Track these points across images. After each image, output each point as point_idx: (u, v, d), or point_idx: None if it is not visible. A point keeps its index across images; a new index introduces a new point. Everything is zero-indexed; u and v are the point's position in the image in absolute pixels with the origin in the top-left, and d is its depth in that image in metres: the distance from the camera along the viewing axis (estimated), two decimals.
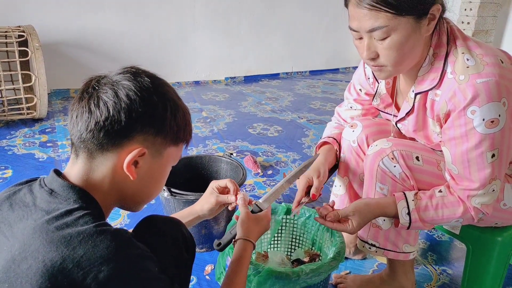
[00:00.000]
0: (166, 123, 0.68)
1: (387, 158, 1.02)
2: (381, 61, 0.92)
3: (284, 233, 1.27)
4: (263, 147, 2.38)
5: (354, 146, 1.20)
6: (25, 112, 2.51)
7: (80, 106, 0.66)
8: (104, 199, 0.68)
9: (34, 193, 0.65)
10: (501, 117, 0.87)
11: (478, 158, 0.91)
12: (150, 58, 3.45)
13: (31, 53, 2.38)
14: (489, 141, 0.89)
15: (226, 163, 1.61)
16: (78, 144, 0.66)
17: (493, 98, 0.86)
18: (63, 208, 0.61)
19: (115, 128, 0.64)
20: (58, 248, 0.56)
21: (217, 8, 3.65)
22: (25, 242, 0.58)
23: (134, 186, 0.70)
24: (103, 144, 0.65)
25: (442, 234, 1.59)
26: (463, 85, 0.88)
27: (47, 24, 3.00)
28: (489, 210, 0.97)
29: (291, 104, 3.28)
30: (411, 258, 1.15)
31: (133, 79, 0.66)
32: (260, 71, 4.10)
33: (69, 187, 0.64)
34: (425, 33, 0.90)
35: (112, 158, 0.66)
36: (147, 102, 0.66)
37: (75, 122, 0.66)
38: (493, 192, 0.95)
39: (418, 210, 0.98)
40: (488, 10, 3.08)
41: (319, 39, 4.24)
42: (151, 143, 0.68)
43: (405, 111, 1.06)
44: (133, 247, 0.61)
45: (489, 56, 0.89)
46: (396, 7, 0.83)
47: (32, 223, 0.60)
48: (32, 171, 1.98)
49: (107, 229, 0.60)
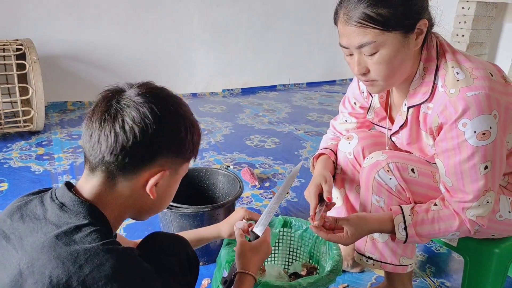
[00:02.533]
0: (185, 145, 0.70)
1: (383, 171, 1.02)
2: (372, 76, 0.94)
3: (281, 246, 1.26)
4: (261, 159, 2.38)
5: (350, 158, 1.20)
6: (22, 125, 2.51)
7: (102, 127, 0.64)
8: (116, 214, 0.69)
9: (45, 206, 0.65)
10: (492, 129, 0.88)
11: (471, 170, 0.91)
12: (148, 71, 3.47)
13: (29, 66, 2.39)
14: (481, 153, 0.89)
15: (223, 176, 1.61)
16: (96, 163, 0.66)
17: (483, 111, 0.86)
18: (72, 224, 0.61)
19: (140, 153, 0.65)
20: (65, 265, 0.56)
21: (214, 21, 3.69)
22: (33, 256, 0.58)
23: (151, 202, 0.71)
24: (125, 166, 0.65)
25: (440, 246, 1.58)
26: (453, 98, 0.89)
27: (45, 37, 3.02)
28: (484, 222, 0.97)
29: (288, 116, 3.29)
30: (409, 270, 1.14)
31: (156, 102, 0.66)
32: (257, 83, 4.12)
33: (80, 202, 0.64)
34: (414, 47, 0.92)
35: (132, 179, 0.67)
36: (171, 126, 0.67)
37: (96, 143, 0.64)
38: (488, 204, 0.95)
39: (415, 225, 0.98)
40: (482, 23, 3.13)
41: (316, 51, 4.28)
42: (171, 164, 0.69)
43: (399, 124, 1.07)
44: (138, 267, 0.61)
45: (479, 69, 0.90)
46: (383, 23, 0.85)
47: (42, 237, 0.60)
48: (28, 184, 1.97)
49: (114, 248, 0.60)
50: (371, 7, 0.85)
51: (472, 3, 3.03)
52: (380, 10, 0.84)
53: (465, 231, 0.98)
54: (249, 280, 0.85)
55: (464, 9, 3.09)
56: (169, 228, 1.41)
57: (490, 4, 3.08)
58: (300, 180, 2.11)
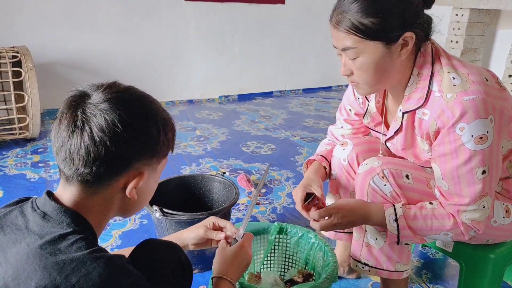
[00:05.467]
0: (159, 144, 0.69)
1: (378, 177, 1.03)
2: (354, 78, 0.98)
3: (277, 253, 1.26)
4: (257, 165, 2.38)
5: (345, 164, 1.21)
6: (17, 132, 2.50)
7: (70, 139, 0.62)
8: (99, 219, 0.68)
9: (26, 216, 0.64)
10: (489, 133, 0.88)
11: (468, 174, 0.92)
12: (144, 78, 3.48)
13: (25, 74, 2.39)
14: (479, 157, 0.89)
15: (219, 182, 1.61)
16: (71, 174, 0.64)
17: (480, 115, 0.87)
18: (56, 233, 0.60)
19: (115, 162, 0.64)
20: (51, 275, 0.55)
21: (210, 28, 3.71)
22: (18, 268, 0.57)
23: (133, 202, 0.71)
24: (100, 175, 0.64)
25: (436, 252, 1.58)
26: (450, 102, 0.90)
27: (41, 44, 3.02)
28: (480, 228, 0.96)
29: (284, 122, 3.29)
30: (405, 277, 1.14)
31: (124, 107, 0.63)
32: (254, 90, 4.13)
33: (62, 210, 0.63)
34: (397, 58, 0.93)
35: (110, 185, 0.66)
36: (141, 130, 0.65)
37: (68, 156, 0.63)
38: (484, 208, 0.95)
39: (407, 218, 0.98)
40: (476, 29, 3.16)
41: (312, 57, 4.30)
42: (148, 165, 0.69)
43: (394, 129, 1.07)
44: (126, 275, 0.60)
45: (474, 74, 0.92)
46: (364, 32, 0.89)
47: (25, 247, 0.59)
48: (23, 191, 1.96)
49: (101, 255, 0.59)
50: (357, 16, 0.88)
51: (465, 10, 3.07)
52: (364, 20, 0.88)
53: (458, 233, 0.98)
54: (225, 284, 0.82)
55: (458, 16, 3.12)
56: (165, 235, 1.41)
57: (483, 11, 3.12)
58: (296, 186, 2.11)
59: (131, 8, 3.30)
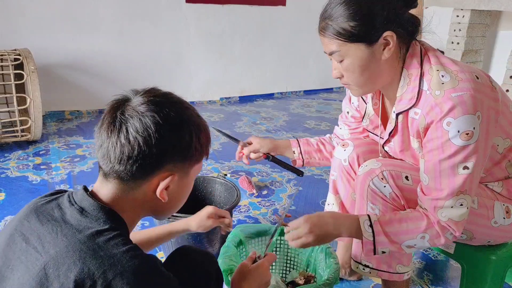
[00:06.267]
0: (192, 148, 0.71)
1: (377, 179, 1.03)
2: (345, 80, 1.02)
3: (279, 255, 1.26)
4: (258, 167, 2.38)
5: (345, 165, 1.22)
6: (19, 135, 2.51)
7: (109, 137, 0.67)
8: (132, 217, 0.71)
9: (63, 209, 0.67)
10: (476, 130, 0.88)
11: (449, 169, 0.91)
12: (145, 80, 3.48)
13: (27, 76, 2.40)
14: (463, 153, 0.89)
15: (220, 184, 1.61)
16: (108, 171, 0.68)
17: (468, 111, 0.87)
18: (93, 228, 0.63)
19: (147, 161, 0.67)
20: (90, 270, 0.58)
21: (211, 30, 3.72)
22: (58, 260, 0.59)
23: (164, 204, 0.73)
24: (134, 174, 0.67)
25: (438, 253, 1.58)
26: (439, 99, 0.90)
27: (43, 47, 3.03)
28: (457, 229, 0.94)
29: (285, 123, 3.30)
30: (406, 278, 1.14)
31: (158, 110, 0.67)
32: (255, 91, 4.14)
33: (100, 207, 0.66)
34: (382, 57, 0.95)
35: (143, 184, 0.69)
36: (174, 133, 0.68)
37: (106, 153, 0.67)
38: (461, 207, 0.92)
39: (382, 223, 0.97)
40: (477, 31, 3.16)
41: (312, 59, 4.31)
42: (180, 168, 0.71)
43: (388, 131, 1.08)
44: (159, 275, 0.63)
45: (464, 72, 0.92)
46: (344, 35, 0.93)
47: (64, 240, 0.61)
48: (25, 194, 1.97)
49: (137, 254, 0.62)
50: (337, 21, 0.94)
51: (466, 11, 3.07)
52: (344, 24, 0.93)
53: (434, 234, 0.95)
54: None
55: (458, 17, 3.13)
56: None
57: (484, 12, 3.12)
58: (298, 188, 2.12)
59: (132, 11, 3.32)
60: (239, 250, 1.18)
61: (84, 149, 2.59)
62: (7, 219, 1.74)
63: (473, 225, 1.02)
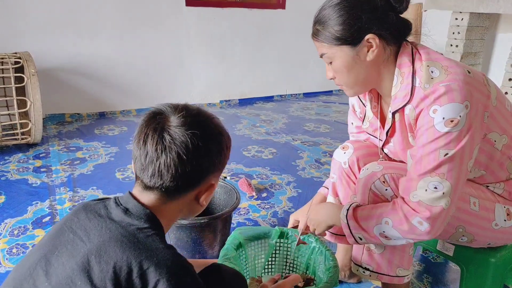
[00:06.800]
0: (227, 158, 0.80)
1: (379, 182, 1.03)
2: (336, 81, 1.07)
3: (278, 257, 1.27)
4: (258, 169, 2.39)
5: (345, 168, 1.22)
6: (19, 137, 2.52)
7: (160, 158, 0.70)
8: (168, 222, 0.77)
9: (109, 209, 0.73)
10: (462, 118, 0.87)
11: (431, 154, 0.90)
12: (146, 83, 3.50)
13: (27, 79, 2.41)
14: (444, 139, 0.88)
15: (220, 187, 1.61)
16: (156, 186, 0.72)
17: (455, 99, 0.87)
18: (135, 225, 0.69)
19: (196, 176, 0.74)
20: (128, 258, 0.64)
21: (211, 33, 3.73)
22: (101, 248, 0.66)
23: (198, 208, 0.81)
24: (182, 188, 0.73)
25: (437, 255, 1.58)
26: (428, 90, 0.92)
27: (44, 50, 3.04)
28: (427, 217, 0.90)
29: (285, 126, 3.30)
30: (406, 281, 1.14)
31: (201, 129, 0.73)
32: (255, 94, 4.15)
33: (142, 208, 0.72)
34: (367, 58, 0.99)
35: (186, 195, 0.76)
36: (217, 148, 0.76)
37: (157, 172, 0.71)
38: (435, 190, 0.89)
39: (356, 208, 1.03)
40: (475, 33, 3.17)
41: (312, 61, 4.32)
42: (217, 177, 0.79)
43: (385, 131, 1.09)
44: (191, 277, 0.68)
45: (455, 67, 0.93)
46: (328, 38, 0.99)
47: (108, 232, 0.68)
48: (25, 196, 1.97)
49: (174, 252, 0.68)
50: (323, 26, 1.00)
51: (465, 14, 3.08)
52: (329, 28, 0.98)
53: (397, 220, 0.94)
54: None
55: (457, 20, 3.14)
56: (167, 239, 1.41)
57: (483, 15, 3.13)
58: (297, 191, 2.12)
59: (133, 15, 3.33)
60: (238, 252, 1.18)
61: (84, 151, 2.59)
62: (7, 221, 1.75)
63: (474, 227, 1.02)
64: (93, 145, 2.72)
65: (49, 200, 1.93)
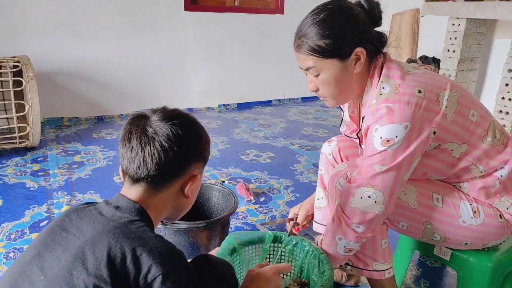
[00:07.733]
0: (207, 149, 0.86)
1: (342, 179, 1.11)
2: (320, 93, 1.10)
3: (272, 262, 1.26)
4: (256, 173, 2.39)
5: (330, 158, 1.33)
6: (17, 141, 2.52)
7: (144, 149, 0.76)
8: (156, 216, 0.80)
9: (100, 209, 0.77)
10: (398, 138, 0.96)
11: (369, 167, 1.00)
12: (144, 87, 3.50)
13: (25, 83, 2.41)
14: (380, 156, 0.98)
15: (218, 191, 1.62)
16: (141, 177, 0.77)
17: (394, 121, 0.96)
18: (126, 218, 0.74)
19: (179, 164, 0.79)
20: (122, 246, 0.67)
21: (210, 38, 3.74)
22: (94, 239, 0.69)
23: (184, 202, 0.85)
24: (167, 177, 0.79)
25: (435, 260, 1.59)
26: (373, 108, 1.00)
27: (42, 54, 3.05)
28: (350, 214, 1.03)
29: (283, 130, 3.31)
30: (387, 277, 1.17)
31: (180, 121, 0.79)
32: (253, 98, 4.15)
33: (132, 203, 0.77)
34: (353, 71, 1.04)
35: (172, 185, 0.80)
36: (196, 138, 0.82)
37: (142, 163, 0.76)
38: (369, 199, 1.00)
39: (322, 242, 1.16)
40: (472, 39, 3.18)
41: None
42: (199, 168, 0.84)
43: (356, 133, 1.19)
44: (182, 262, 0.72)
45: (405, 87, 0.99)
46: (320, 52, 1.02)
47: (100, 226, 0.71)
48: (23, 200, 1.97)
49: (165, 240, 0.72)
50: (313, 39, 1.01)
51: (462, 19, 3.10)
52: (319, 42, 1.01)
53: (345, 231, 1.06)
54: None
55: (454, 26, 3.15)
56: None
57: (479, 21, 3.15)
58: (295, 195, 2.12)
59: (132, 18, 3.34)
60: (233, 257, 1.18)
61: (82, 155, 2.59)
62: (4, 225, 1.75)
63: (442, 224, 1.06)
64: (91, 149, 2.72)
65: (46, 204, 1.93)
